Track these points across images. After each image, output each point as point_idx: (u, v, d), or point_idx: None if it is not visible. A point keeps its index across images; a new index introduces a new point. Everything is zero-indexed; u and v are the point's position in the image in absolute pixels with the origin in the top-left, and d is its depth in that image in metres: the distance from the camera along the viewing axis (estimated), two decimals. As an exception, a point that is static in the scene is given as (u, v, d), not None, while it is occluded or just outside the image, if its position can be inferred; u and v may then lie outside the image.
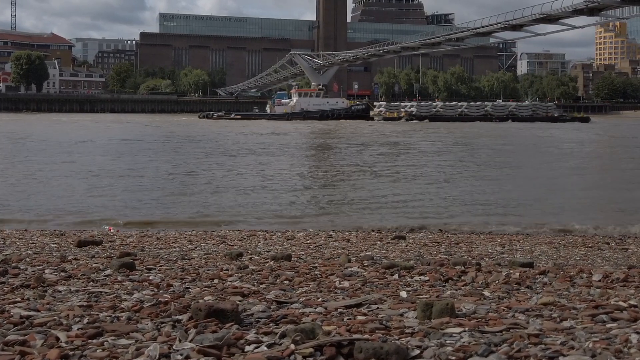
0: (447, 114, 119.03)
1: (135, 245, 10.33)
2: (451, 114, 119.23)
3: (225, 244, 11.07)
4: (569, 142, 58.91)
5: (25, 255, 7.50)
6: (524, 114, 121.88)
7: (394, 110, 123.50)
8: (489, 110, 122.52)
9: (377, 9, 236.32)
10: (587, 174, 33.71)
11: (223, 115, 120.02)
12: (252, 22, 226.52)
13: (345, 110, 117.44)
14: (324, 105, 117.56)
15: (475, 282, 5.27)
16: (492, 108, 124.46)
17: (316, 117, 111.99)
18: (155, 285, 4.93)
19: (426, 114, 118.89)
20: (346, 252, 9.70)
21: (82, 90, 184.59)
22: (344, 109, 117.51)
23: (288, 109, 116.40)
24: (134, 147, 46.83)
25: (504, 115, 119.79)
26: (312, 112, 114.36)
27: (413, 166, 35.49)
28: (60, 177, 27.89)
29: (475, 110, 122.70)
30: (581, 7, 72.91)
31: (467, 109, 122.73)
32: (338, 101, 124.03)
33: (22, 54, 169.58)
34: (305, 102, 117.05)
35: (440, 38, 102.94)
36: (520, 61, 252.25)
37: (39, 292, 4.50)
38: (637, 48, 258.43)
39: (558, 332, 3.29)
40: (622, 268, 7.22)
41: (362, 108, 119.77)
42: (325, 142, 59.18)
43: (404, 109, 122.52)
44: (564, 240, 13.30)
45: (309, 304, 4.14)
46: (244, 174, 30.14)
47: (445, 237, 13.25)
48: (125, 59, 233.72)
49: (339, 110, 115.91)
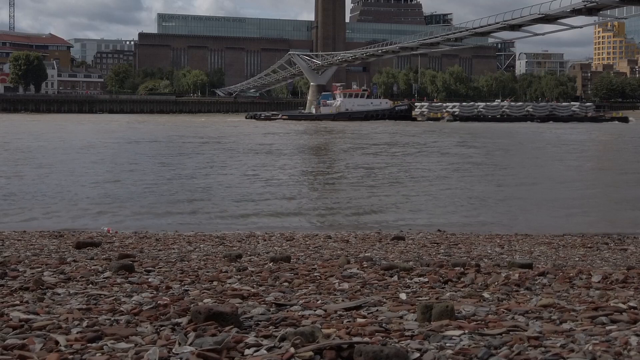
0: (489, 115, 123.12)
1: (134, 246, 10.32)
2: (493, 115, 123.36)
3: (224, 245, 11.05)
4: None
5: (24, 257, 7.49)
6: (564, 114, 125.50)
7: (437, 110, 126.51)
8: (529, 111, 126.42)
9: (376, 9, 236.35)
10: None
11: (271, 116, 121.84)
12: (251, 23, 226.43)
13: (389, 110, 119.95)
14: (368, 106, 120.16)
15: (474, 284, 5.27)
16: (532, 109, 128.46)
17: (361, 117, 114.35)
18: (154, 288, 4.92)
19: (468, 114, 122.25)
20: (345, 253, 9.69)
21: (81, 90, 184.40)
22: (387, 110, 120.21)
23: (333, 109, 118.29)
24: (166, 148, 46.80)
25: (545, 116, 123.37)
26: (357, 112, 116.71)
27: (418, 167, 35.49)
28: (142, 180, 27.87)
29: (516, 110, 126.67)
30: (579, 7, 72.91)
31: (508, 110, 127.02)
32: (382, 102, 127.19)
33: (21, 54, 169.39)
34: (349, 103, 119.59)
35: (439, 38, 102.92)
36: (519, 61, 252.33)
37: (38, 295, 4.49)
38: (635, 48, 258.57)
39: (558, 335, 3.29)
40: (622, 269, 7.21)
41: (404, 108, 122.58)
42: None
43: (446, 110, 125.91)
44: (563, 240, 13.29)
45: (309, 306, 4.14)
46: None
47: (444, 238, 13.24)
48: (124, 60, 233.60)
49: (382, 111, 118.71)
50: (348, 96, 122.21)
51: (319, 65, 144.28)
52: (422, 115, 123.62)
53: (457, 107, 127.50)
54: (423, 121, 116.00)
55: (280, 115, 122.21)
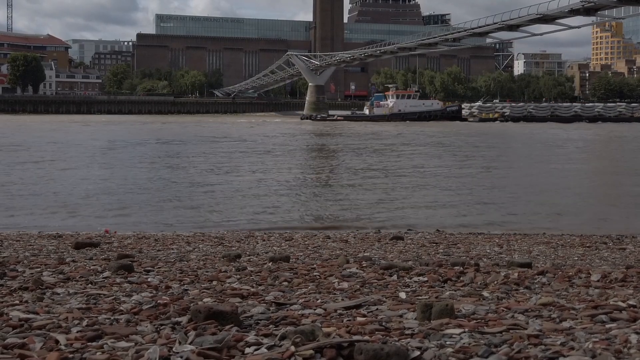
0: (539, 115, 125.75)
1: (133, 247, 10.32)
2: (543, 115, 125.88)
3: (223, 246, 11.05)
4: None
5: (22, 257, 7.48)
6: (611, 115, 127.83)
7: (489, 111, 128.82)
8: (577, 111, 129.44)
9: (374, 9, 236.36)
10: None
11: (327, 117, 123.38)
12: (249, 23, 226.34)
13: (441, 111, 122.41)
14: (420, 107, 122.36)
15: (474, 283, 5.27)
16: (580, 109, 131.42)
17: (414, 117, 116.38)
18: (153, 287, 4.92)
19: (519, 114, 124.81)
20: (344, 253, 9.69)
21: (79, 91, 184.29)
22: (439, 110, 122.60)
23: (386, 110, 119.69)
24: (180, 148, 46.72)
25: (592, 116, 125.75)
26: (410, 113, 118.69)
27: (418, 167, 35.51)
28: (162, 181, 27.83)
29: (565, 111, 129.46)
30: (577, 7, 72.99)
31: (557, 110, 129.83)
32: (433, 102, 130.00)
33: (19, 55, 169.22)
34: (402, 104, 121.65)
35: (437, 38, 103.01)
36: (517, 61, 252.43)
37: (38, 295, 4.49)
38: (633, 48, 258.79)
39: (558, 333, 3.29)
40: (620, 268, 7.22)
41: (455, 109, 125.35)
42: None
43: (497, 110, 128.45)
44: (562, 240, 13.30)
45: (309, 306, 4.14)
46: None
47: (443, 238, 13.24)
48: (122, 60, 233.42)
49: (434, 111, 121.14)
50: (400, 97, 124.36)
51: (317, 66, 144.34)
52: (473, 116, 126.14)
53: (508, 107, 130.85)
54: (475, 122, 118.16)
55: (335, 116, 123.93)
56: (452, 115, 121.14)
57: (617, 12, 79.04)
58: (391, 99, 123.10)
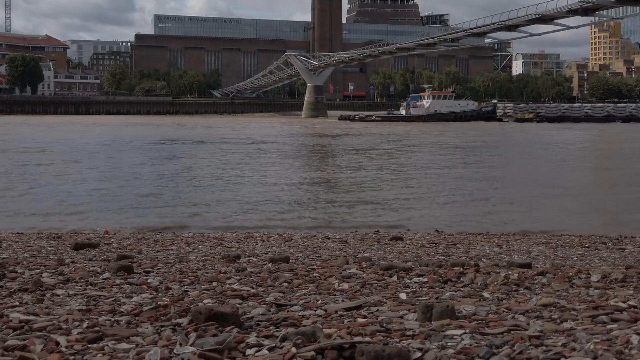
0: (573, 115, 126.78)
1: (132, 247, 10.30)
2: (577, 115, 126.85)
3: (223, 246, 11.05)
4: None
5: (22, 258, 7.47)
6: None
7: (523, 111, 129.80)
8: (610, 112, 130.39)
9: (373, 9, 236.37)
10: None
11: (365, 117, 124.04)
12: (248, 24, 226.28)
13: (477, 111, 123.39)
14: (456, 107, 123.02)
15: (474, 283, 5.26)
16: (613, 109, 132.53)
17: (450, 118, 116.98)
18: (153, 289, 4.91)
19: (553, 115, 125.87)
20: (344, 253, 9.68)
21: (77, 92, 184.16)
22: (475, 111, 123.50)
23: (423, 110, 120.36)
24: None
25: (625, 116, 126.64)
26: (446, 113, 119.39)
27: (418, 168, 35.51)
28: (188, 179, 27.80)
29: (598, 111, 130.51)
30: (576, 7, 73.06)
31: (590, 110, 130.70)
32: (468, 103, 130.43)
33: (17, 55, 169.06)
34: (438, 104, 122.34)
35: (436, 39, 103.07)
36: (515, 61, 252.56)
37: (37, 296, 4.48)
38: (631, 48, 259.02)
39: (559, 334, 3.29)
40: (620, 268, 7.22)
41: (490, 110, 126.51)
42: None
43: (531, 110, 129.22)
44: (561, 240, 13.31)
45: (309, 307, 4.13)
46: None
47: (442, 238, 13.24)
48: (120, 61, 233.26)
49: (470, 112, 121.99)
50: (437, 97, 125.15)
51: (315, 66, 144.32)
52: (508, 116, 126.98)
53: (542, 107, 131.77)
54: (510, 122, 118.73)
55: (373, 116, 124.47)
56: (487, 115, 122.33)
57: (616, 12, 79.12)
58: (427, 100, 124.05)
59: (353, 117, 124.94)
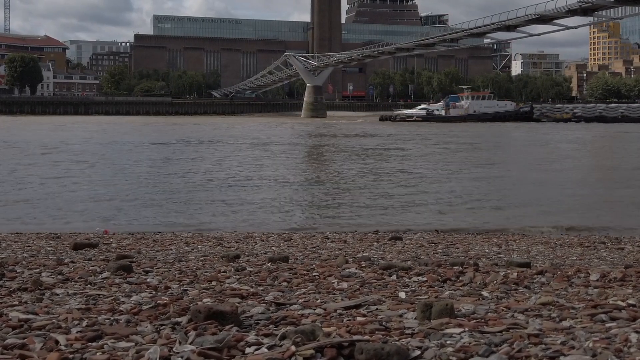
0: (609, 116, 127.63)
1: (131, 247, 10.30)
2: (613, 116, 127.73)
3: (222, 246, 11.04)
4: None
5: (21, 258, 7.47)
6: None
7: (561, 112, 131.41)
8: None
9: (372, 10, 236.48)
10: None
11: (406, 117, 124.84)
12: (247, 24, 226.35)
13: (515, 112, 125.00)
14: (495, 108, 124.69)
15: (473, 283, 5.27)
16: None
17: (489, 118, 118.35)
18: (153, 288, 4.92)
19: (590, 115, 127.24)
20: (343, 253, 9.69)
21: (77, 92, 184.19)
22: (513, 111, 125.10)
23: (462, 111, 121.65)
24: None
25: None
26: (485, 114, 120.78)
27: (418, 168, 35.53)
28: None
29: (633, 112, 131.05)
30: (575, 7, 73.16)
31: (626, 111, 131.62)
32: (506, 104, 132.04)
33: (16, 56, 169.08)
34: (477, 105, 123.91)
35: (435, 39, 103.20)
36: (515, 61, 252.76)
37: (37, 295, 4.49)
38: (630, 48, 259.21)
39: (558, 332, 3.30)
40: (619, 267, 7.23)
41: (528, 110, 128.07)
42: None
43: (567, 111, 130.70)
44: (560, 239, 13.32)
45: (308, 306, 4.14)
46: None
47: (441, 238, 13.24)
48: (120, 61, 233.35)
49: (508, 112, 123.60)
50: (475, 98, 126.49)
51: (315, 67, 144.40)
52: (546, 116, 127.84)
53: (579, 108, 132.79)
54: (548, 122, 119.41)
55: (414, 116, 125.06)
56: (525, 115, 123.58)
57: (615, 13, 79.22)
58: (466, 100, 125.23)
59: (394, 118, 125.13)
